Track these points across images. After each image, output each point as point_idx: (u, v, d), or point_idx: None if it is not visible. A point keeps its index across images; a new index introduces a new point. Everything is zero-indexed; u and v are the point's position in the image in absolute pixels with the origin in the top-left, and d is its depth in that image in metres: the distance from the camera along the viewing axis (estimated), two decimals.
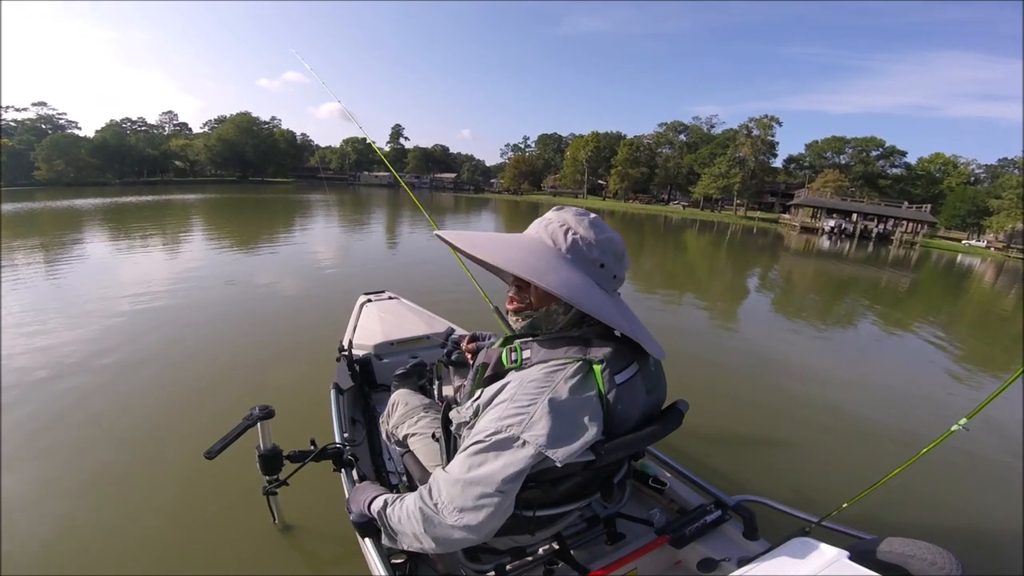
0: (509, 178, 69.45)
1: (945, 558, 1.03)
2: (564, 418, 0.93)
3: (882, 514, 2.52)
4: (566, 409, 0.94)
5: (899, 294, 12.28)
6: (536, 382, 0.97)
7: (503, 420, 0.94)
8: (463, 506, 0.94)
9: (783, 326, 7.26)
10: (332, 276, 8.35)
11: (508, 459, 0.92)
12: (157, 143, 61.75)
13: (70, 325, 4.94)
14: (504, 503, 0.93)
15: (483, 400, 1.03)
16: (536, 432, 0.91)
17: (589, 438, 0.94)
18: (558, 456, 0.91)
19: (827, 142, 53.28)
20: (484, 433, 0.95)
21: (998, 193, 37.48)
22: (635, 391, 1.04)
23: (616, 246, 1.06)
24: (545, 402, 0.94)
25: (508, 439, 0.93)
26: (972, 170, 51.11)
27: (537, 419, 0.92)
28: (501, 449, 0.93)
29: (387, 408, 1.75)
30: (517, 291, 1.12)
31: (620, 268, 1.08)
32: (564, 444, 0.92)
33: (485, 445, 0.94)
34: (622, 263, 1.08)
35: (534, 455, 0.91)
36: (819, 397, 4.27)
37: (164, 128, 71.81)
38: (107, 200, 26.10)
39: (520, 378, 1.00)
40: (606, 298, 1.02)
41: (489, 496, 0.92)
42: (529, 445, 0.91)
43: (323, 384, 2.44)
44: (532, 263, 1.00)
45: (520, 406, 0.95)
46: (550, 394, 0.95)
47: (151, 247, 10.71)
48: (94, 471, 2.63)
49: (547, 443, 0.91)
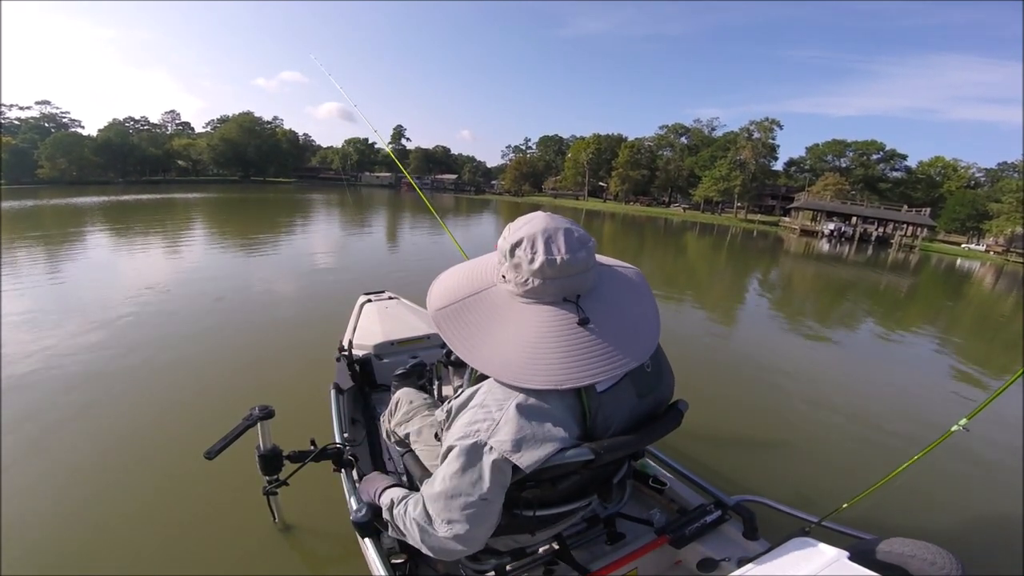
0: (510, 179, 69.46)
1: (945, 558, 1.03)
2: (529, 424, 0.90)
3: (882, 514, 2.51)
4: (533, 415, 0.91)
5: (898, 297, 12.29)
6: (503, 387, 0.94)
7: (472, 425, 0.93)
8: (450, 518, 0.94)
9: (783, 328, 7.27)
10: (332, 276, 8.36)
11: (480, 467, 0.91)
12: (160, 142, 61.75)
13: (68, 325, 4.94)
14: (489, 509, 0.93)
15: (456, 403, 1.01)
16: (500, 438, 0.89)
17: (557, 446, 0.90)
18: (522, 462, 0.88)
19: (828, 145, 53.24)
20: (454, 438, 0.94)
21: (998, 197, 37.45)
22: (620, 397, 1.01)
23: (537, 235, 0.96)
24: (512, 407, 0.91)
25: (476, 445, 0.91)
26: (972, 174, 51.09)
27: (502, 424, 0.90)
28: (472, 456, 0.91)
29: (389, 407, 1.74)
30: None
31: (551, 256, 0.94)
32: (528, 450, 0.89)
33: (457, 451, 0.92)
34: (554, 248, 0.94)
35: (501, 460, 0.89)
36: (819, 397, 4.27)
37: (167, 127, 71.89)
38: (110, 198, 26.15)
39: (491, 383, 0.97)
40: (534, 354, 0.93)
41: (472, 506, 0.92)
42: (494, 451, 0.89)
43: (323, 384, 2.45)
44: (454, 335, 1.01)
45: (488, 411, 0.93)
46: (516, 399, 0.92)
47: (152, 246, 10.73)
48: (94, 471, 2.63)
49: (511, 449, 0.88)
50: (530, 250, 0.95)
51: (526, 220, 1.02)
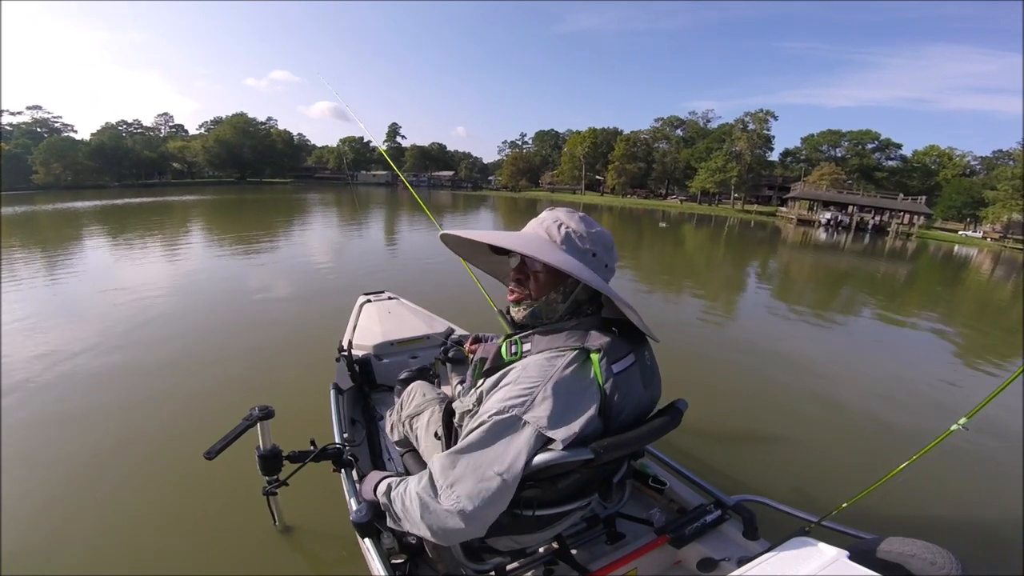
0: (507, 175, 69.41)
1: (945, 557, 1.03)
2: (564, 401, 0.98)
3: (882, 513, 2.51)
4: (566, 392, 0.99)
5: (896, 285, 12.30)
6: (538, 367, 1.02)
7: (506, 401, 0.98)
8: (460, 491, 0.94)
9: (782, 321, 7.26)
10: (332, 276, 8.33)
11: (508, 441, 0.95)
12: (154, 145, 61.56)
13: (67, 327, 4.93)
14: (502, 491, 0.94)
15: (486, 387, 1.07)
16: (537, 413, 0.96)
17: (588, 420, 0.98)
18: (558, 435, 0.94)
19: (823, 135, 53.29)
20: (488, 413, 0.98)
21: (993, 184, 37.47)
22: (632, 382, 1.07)
23: (605, 239, 1.12)
24: (548, 385, 0.98)
25: (510, 419, 0.96)
26: (968, 162, 51.17)
27: (539, 401, 0.97)
28: (502, 431, 0.96)
29: (400, 399, 1.73)
30: (517, 283, 1.16)
31: (611, 259, 1.12)
32: (563, 425, 0.96)
33: (487, 426, 0.97)
34: (612, 255, 1.13)
35: (535, 435, 0.95)
36: (819, 394, 4.27)
37: (160, 130, 71.61)
38: (105, 202, 26.07)
39: (523, 364, 1.05)
40: (600, 277, 1.07)
41: (487, 480, 0.93)
42: (529, 426, 0.95)
43: (323, 384, 2.44)
44: (535, 247, 1.07)
45: (523, 388, 0.99)
46: (553, 379, 0.99)
47: (150, 248, 10.70)
48: (94, 471, 2.63)
49: (548, 424, 0.95)
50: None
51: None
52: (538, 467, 0.96)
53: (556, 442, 0.95)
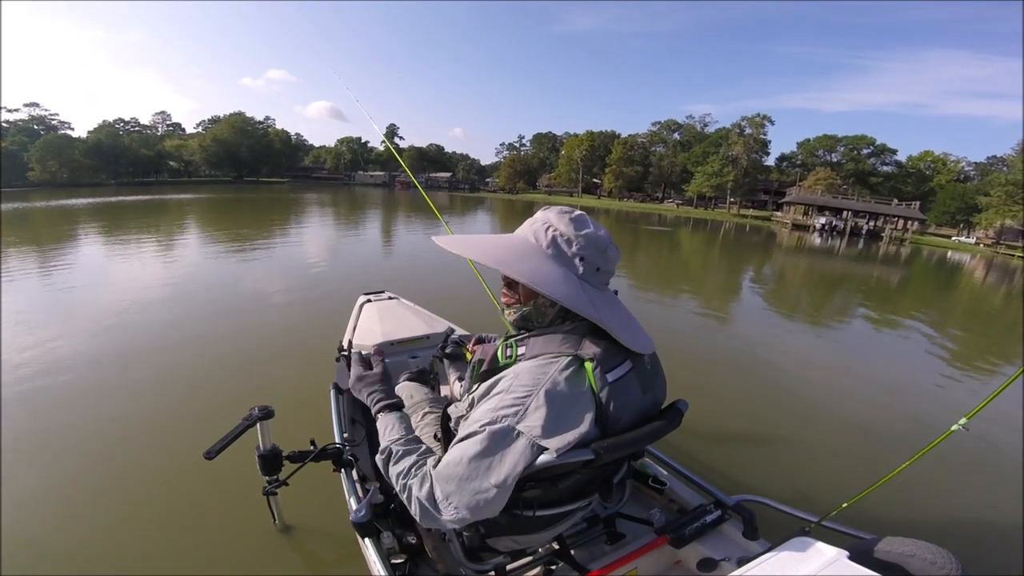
0: (504, 177, 69.37)
1: (944, 557, 1.04)
2: (558, 410, 0.95)
3: (882, 513, 2.52)
4: (560, 401, 0.96)
5: (891, 290, 12.37)
6: (531, 375, 0.98)
7: (498, 411, 0.96)
8: (458, 502, 0.94)
9: (779, 323, 7.30)
10: (332, 275, 8.32)
11: (503, 453, 0.93)
12: (151, 144, 61.20)
13: (67, 327, 4.90)
14: (499, 499, 0.94)
15: (478, 394, 1.04)
16: (531, 423, 0.93)
17: (583, 429, 0.95)
18: (552, 445, 0.92)
19: (819, 140, 53.51)
20: (479, 423, 0.96)
21: (987, 190, 37.70)
22: (628, 389, 1.04)
23: (599, 241, 1.06)
24: (540, 394, 0.95)
25: (503, 430, 0.94)
26: (962, 168, 51.58)
27: (532, 410, 0.94)
28: (496, 441, 0.93)
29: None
30: (507, 287, 1.14)
31: (604, 261, 1.07)
32: (558, 434, 0.93)
33: (480, 437, 0.94)
34: (605, 257, 1.07)
35: (529, 445, 0.93)
36: (818, 395, 4.29)
37: (157, 128, 71.35)
38: (101, 200, 25.89)
39: (515, 371, 1.01)
40: (578, 288, 1.02)
41: (483, 492, 0.93)
42: (523, 436, 0.93)
43: (323, 384, 2.43)
44: (503, 256, 1.05)
45: (516, 397, 0.96)
46: (545, 386, 0.96)
47: (147, 247, 10.63)
48: (93, 471, 2.62)
49: (541, 434, 0.92)
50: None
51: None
52: (538, 468, 0.95)
53: (551, 451, 0.93)
